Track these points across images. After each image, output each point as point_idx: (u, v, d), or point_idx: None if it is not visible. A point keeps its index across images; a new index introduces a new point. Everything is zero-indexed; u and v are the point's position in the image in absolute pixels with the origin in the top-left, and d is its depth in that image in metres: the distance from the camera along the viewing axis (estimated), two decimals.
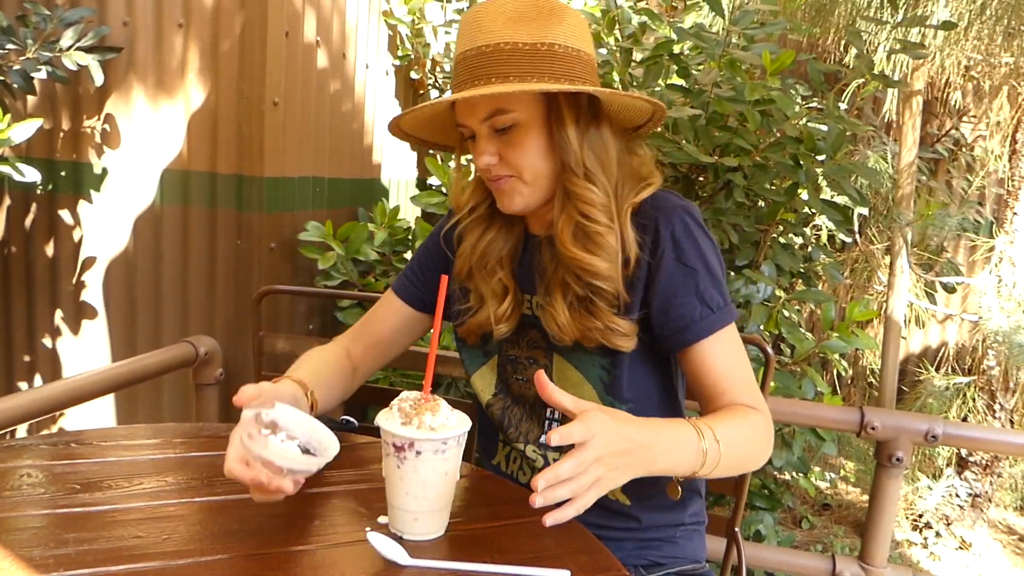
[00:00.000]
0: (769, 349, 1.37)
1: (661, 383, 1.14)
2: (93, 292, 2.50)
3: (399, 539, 0.87)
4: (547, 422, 1.15)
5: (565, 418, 1.12)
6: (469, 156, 1.14)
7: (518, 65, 0.99)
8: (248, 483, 0.85)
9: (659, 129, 2.02)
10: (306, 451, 0.89)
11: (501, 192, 1.08)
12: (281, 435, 0.88)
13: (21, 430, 2.37)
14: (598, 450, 0.80)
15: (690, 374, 1.06)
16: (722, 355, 1.04)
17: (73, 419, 2.59)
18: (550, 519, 0.79)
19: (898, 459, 1.85)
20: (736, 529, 1.41)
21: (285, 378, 1.06)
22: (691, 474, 0.92)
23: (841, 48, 3.52)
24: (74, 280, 2.52)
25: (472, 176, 1.19)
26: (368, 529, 0.89)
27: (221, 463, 1.04)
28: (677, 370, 1.17)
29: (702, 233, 1.06)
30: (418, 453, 0.85)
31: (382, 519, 0.92)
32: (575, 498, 0.79)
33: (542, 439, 1.16)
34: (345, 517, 0.93)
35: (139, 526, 0.87)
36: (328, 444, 0.87)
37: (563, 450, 1.15)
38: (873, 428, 1.84)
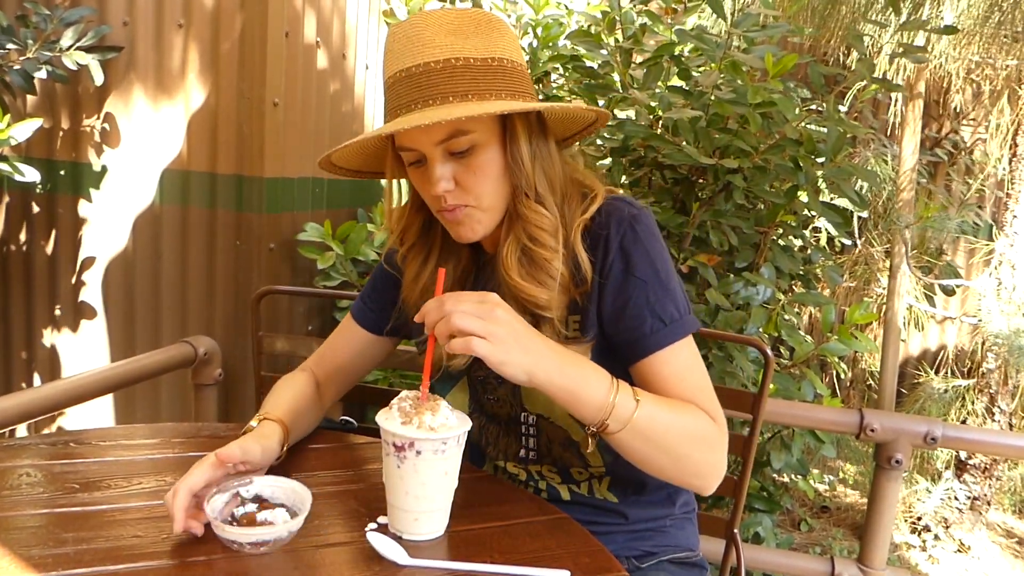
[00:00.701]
0: (768, 351, 1.37)
1: None
2: (92, 292, 2.50)
3: (398, 539, 0.87)
4: (523, 437, 1.13)
5: (540, 432, 1.11)
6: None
7: (474, 82, 0.93)
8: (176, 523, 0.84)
9: (659, 131, 2.03)
10: (292, 512, 0.88)
11: (456, 223, 1.02)
12: (265, 514, 0.87)
13: (21, 429, 2.37)
14: (497, 304, 0.85)
15: (641, 388, 0.99)
16: (675, 367, 0.99)
17: (72, 419, 2.59)
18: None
19: (897, 461, 1.85)
20: (735, 531, 1.41)
21: (266, 419, 1.04)
22: (599, 419, 0.89)
23: (843, 51, 3.52)
24: (73, 280, 2.52)
25: (408, 201, 1.12)
26: (367, 529, 0.89)
27: None
28: None
29: (653, 242, 1.01)
30: (418, 453, 0.85)
31: (382, 519, 0.91)
32: (458, 330, 0.83)
33: (521, 453, 1.14)
34: (344, 517, 0.93)
35: (138, 525, 0.87)
36: (305, 497, 0.87)
37: (543, 463, 1.13)
38: (872, 430, 1.84)
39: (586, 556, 0.87)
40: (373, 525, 0.91)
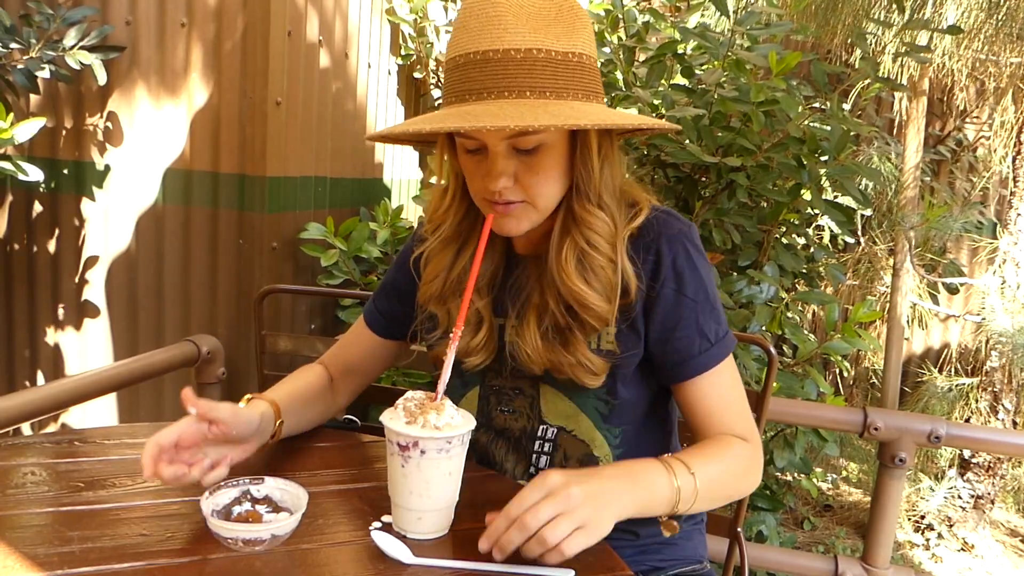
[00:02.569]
0: (772, 349, 1.37)
1: (656, 407, 1.11)
2: (95, 291, 2.50)
3: (403, 538, 0.87)
4: (535, 455, 1.10)
5: (555, 453, 1.09)
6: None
7: (553, 78, 0.89)
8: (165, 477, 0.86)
9: None
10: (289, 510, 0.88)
11: (508, 217, 0.97)
12: (271, 514, 0.87)
13: (24, 428, 2.37)
14: (566, 486, 0.80)
15: (684, 406, 1.04)
16: (718, 388, 1.01)
17: (75, 417, 2.59)
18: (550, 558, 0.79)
19: (901, 460, 1.85)
20: (738, 529, 1.41)
21: (254, 398, 1.03)
22: (671, 510, 0.91)
23: (846, 49, 3.51)
24: (76, 279, 2.52)
25: (449, 187, 1.07)
26: (372, 528, 0.89)
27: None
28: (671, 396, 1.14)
29: (702, 260, 1.02)
30: (422, 452, 0.85)
31: (386, 518, 0.91)
32: (556, 544, 0.78)
33: (531, 471, 1.11)
34: (349, 516, 0.93)
35: (143, 524, 0.87)
36: (301, 496, 0.87)
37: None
38: (876, 429, 1.83)
39: (590, 555, 0.87)
40: (377, 524, 0.91)
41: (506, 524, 0.79)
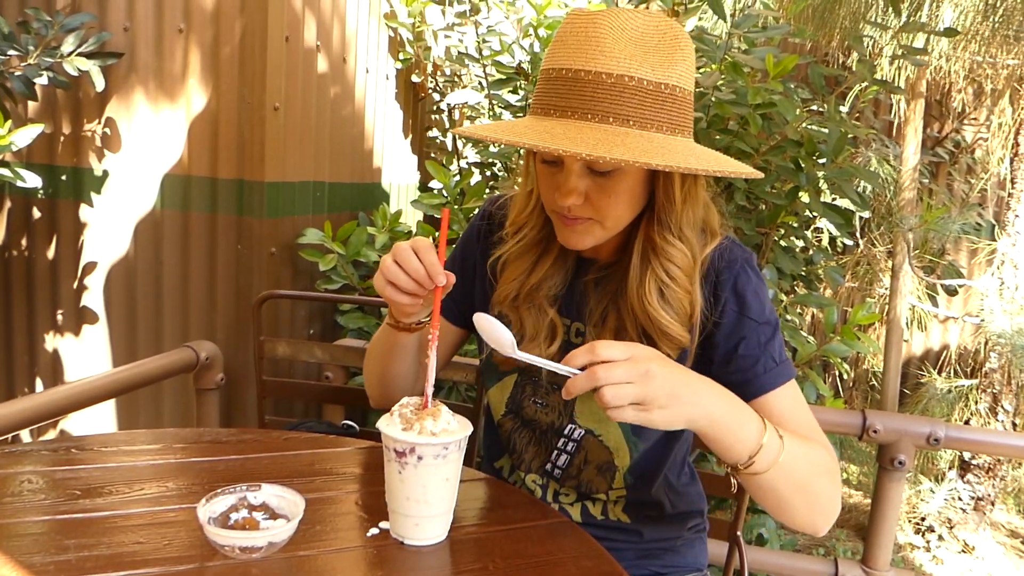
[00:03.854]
0: None
1: (682, 431, 1.11)
2: (94, 297, 2.50)
3: (401, 544, 0.87)
4: (556, 452, 1.10)
5: (576, 454, 1.09)
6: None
7: (640, 107, 0.88)
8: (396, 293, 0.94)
9: None
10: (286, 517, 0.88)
11: (572, 231, 0.98)
12: (268, 521, 0.87)
13: (24, 435, 2.37)
14: (650, 361, 0.80)
15: None
16: (788, 403, 1.00)
17: (74, 424, 2.59)
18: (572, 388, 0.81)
19: (900, 462, 1.85)
20: (738, 533, 1.41)
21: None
22: (744, 459, 0.87)
23: (843, 52, 3.52)
24: (75, 285, 2.52)
25: (533, 191, 1.06)
26: (369, 534, 0.89)
27: (223, 469, 1.05)
28: None
29: (761, 286, 1.03)
30: (419, 458, 0.84)
31: (383, 524, 0.91)
32: (610, 395, 0.78)
33: (547, 467, 1.11)
34: (346, 522, 0.93)
35: (140, 532, 0.87)
36: (299, 502, 0.88)
37: (565, 483, 1.11)
38: (875, 431, 1.83)
39: (589, 560, 0.87)
40: (375, 530, 0.90)
41: (587, 378, 0.80)
